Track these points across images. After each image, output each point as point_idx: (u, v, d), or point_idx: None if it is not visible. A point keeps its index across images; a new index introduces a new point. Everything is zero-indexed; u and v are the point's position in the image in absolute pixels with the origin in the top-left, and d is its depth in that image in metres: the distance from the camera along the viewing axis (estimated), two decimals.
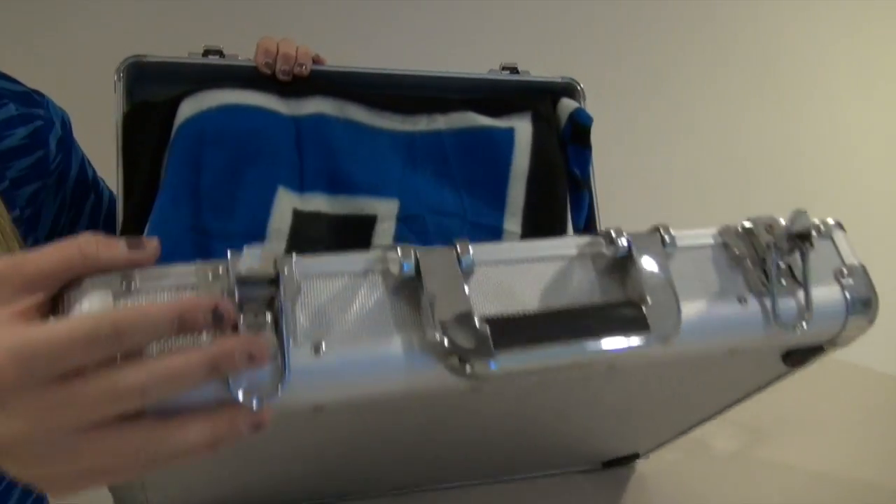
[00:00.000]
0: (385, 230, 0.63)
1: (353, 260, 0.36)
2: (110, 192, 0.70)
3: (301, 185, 0.62)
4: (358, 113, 0.66)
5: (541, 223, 0.67)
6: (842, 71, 1.97)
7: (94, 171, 0.68)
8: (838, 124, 1.98)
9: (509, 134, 0.69)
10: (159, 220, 0.57)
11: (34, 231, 0.61)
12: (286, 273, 0.34)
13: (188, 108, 0.60)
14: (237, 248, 0.59)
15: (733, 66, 1.91)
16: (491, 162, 0.68)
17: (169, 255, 0.57)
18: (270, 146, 0.62)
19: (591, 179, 0.72)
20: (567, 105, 0.72)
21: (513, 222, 0.67)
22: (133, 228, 0.58)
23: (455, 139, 0.68)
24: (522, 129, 0.69)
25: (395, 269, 0.36)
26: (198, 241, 0.58)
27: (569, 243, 0.40)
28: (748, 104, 1.92)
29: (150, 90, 0.65)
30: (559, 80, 0.74)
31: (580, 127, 0.70)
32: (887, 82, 2.00)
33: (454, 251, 0.37)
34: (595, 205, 0.72)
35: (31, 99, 0.61)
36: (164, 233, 0.57)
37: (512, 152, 0.68)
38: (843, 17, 1.97)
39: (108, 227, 0.68)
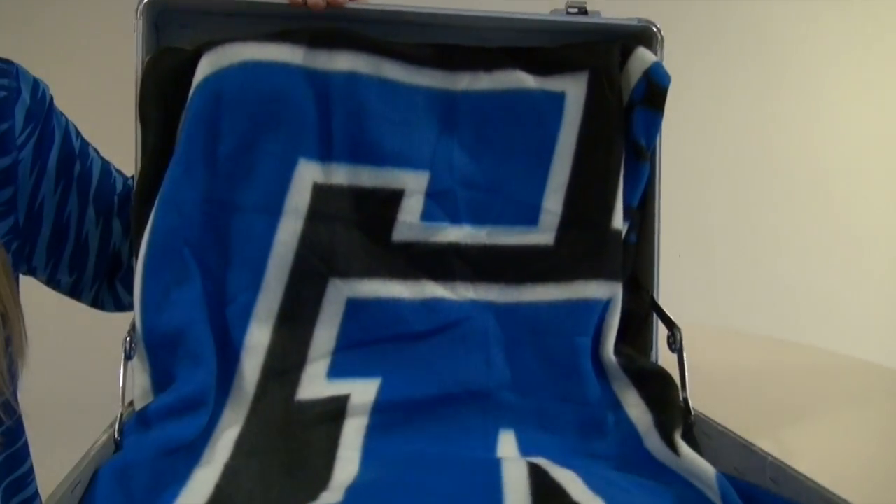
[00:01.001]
0: (412, 206, 0.59)
1: None
2: (103, 164, 0.64)
3: (324, 154, 0.58)
4: (394, 70, 0.59)
5: (585, 202, 0.61)
6: None
7: (82, 142, 0.63)
8: None
9: (559, 101, 0.61)
10: (171, 191, 0.54)
11: (13, 212, 0.57)
12: None
13: (207, 64, 0.55)
14: (251, 224, 0.55)
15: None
16: (535, 132, 0.61)
17: (180, 229, 0.55)
18: (293, 111, 0.56)
19: (658, 149, 0.63)
20: (642, 58, 0.62)
21: (553, 200, 0.61)
22: (145, 198, 0.55)
23: (499, 102, 0.60)
24: (575, 93, 0.61)
25: None
26: (211, 214, 0.55)
27: None
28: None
29: (177, 31, 0.60)
30: (635, 23, 0.64)
31: (656, 88, 0.61)
32: None
33: None
34: (657, 179, 0.64)
35: None
36: (176, 205, 0.54)
37: (560, 124, 0.61)
38: None
39: (98, 202, 0.63)
